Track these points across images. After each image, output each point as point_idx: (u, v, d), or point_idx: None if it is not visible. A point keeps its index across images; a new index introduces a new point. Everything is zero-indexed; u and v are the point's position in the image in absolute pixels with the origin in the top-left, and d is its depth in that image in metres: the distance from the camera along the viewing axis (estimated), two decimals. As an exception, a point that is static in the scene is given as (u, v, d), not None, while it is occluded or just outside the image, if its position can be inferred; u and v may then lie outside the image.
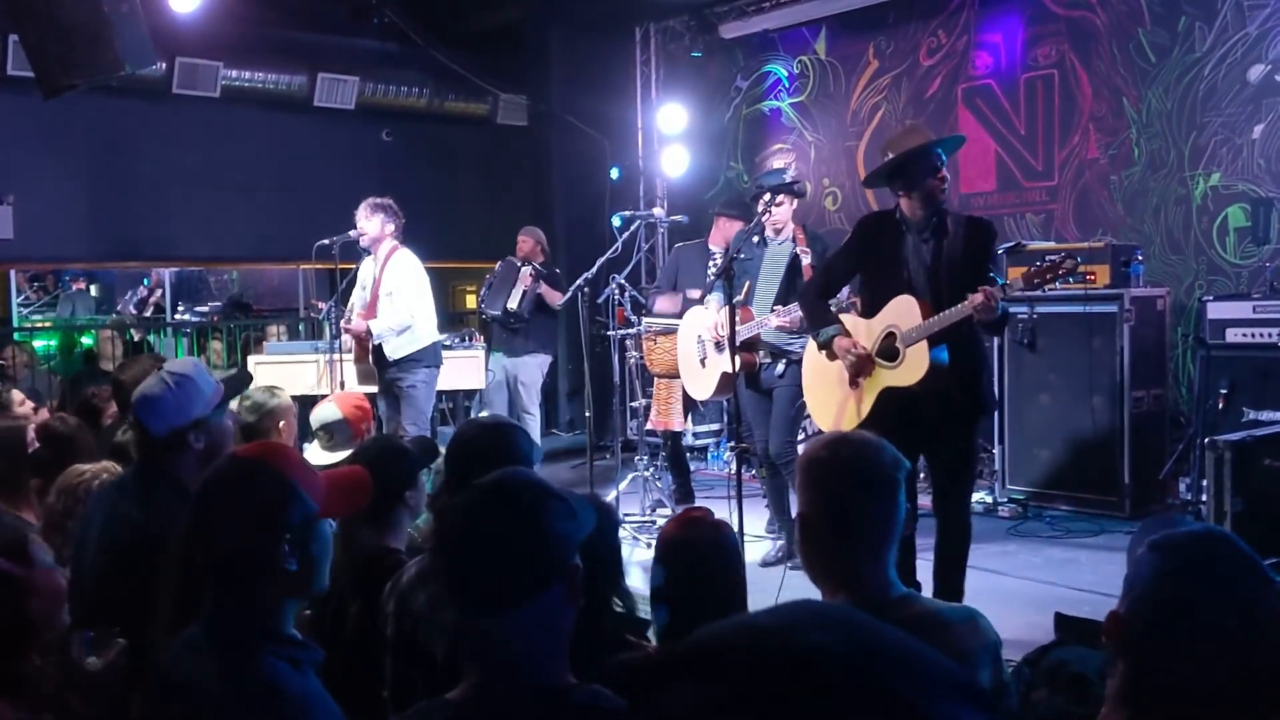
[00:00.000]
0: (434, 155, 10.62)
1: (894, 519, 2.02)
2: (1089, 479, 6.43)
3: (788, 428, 5.52)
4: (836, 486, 2.02)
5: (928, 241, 4.20)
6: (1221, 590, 1.51)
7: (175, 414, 2.75)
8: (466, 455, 2.47)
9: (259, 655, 1.76)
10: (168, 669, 1.85)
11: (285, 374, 6.76)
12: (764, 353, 5.49)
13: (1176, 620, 1.50)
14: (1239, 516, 4.54)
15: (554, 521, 1.54)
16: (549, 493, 1.59)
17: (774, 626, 0.67)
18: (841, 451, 2.05)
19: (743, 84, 9.86)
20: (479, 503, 1.57)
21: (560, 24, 10.30)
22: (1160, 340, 6.58)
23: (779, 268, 5.48)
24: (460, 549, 1.53)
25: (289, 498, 1.82)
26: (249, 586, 1.81)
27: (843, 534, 2.01)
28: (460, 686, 1.54)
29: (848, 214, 9.06)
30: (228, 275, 13.60)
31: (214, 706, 1.75)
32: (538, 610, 1.50)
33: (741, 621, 0.69)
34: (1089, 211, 7.60)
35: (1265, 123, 6.78)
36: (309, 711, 1.77)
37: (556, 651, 1.54)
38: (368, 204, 6.38)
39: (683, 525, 2.44)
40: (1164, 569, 1.54)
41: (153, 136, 9.44)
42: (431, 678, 2.23)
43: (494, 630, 1.51)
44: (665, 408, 6.61)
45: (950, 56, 8.36)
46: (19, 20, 5.23)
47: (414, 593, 2.35)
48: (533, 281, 7.88)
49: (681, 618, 2.26)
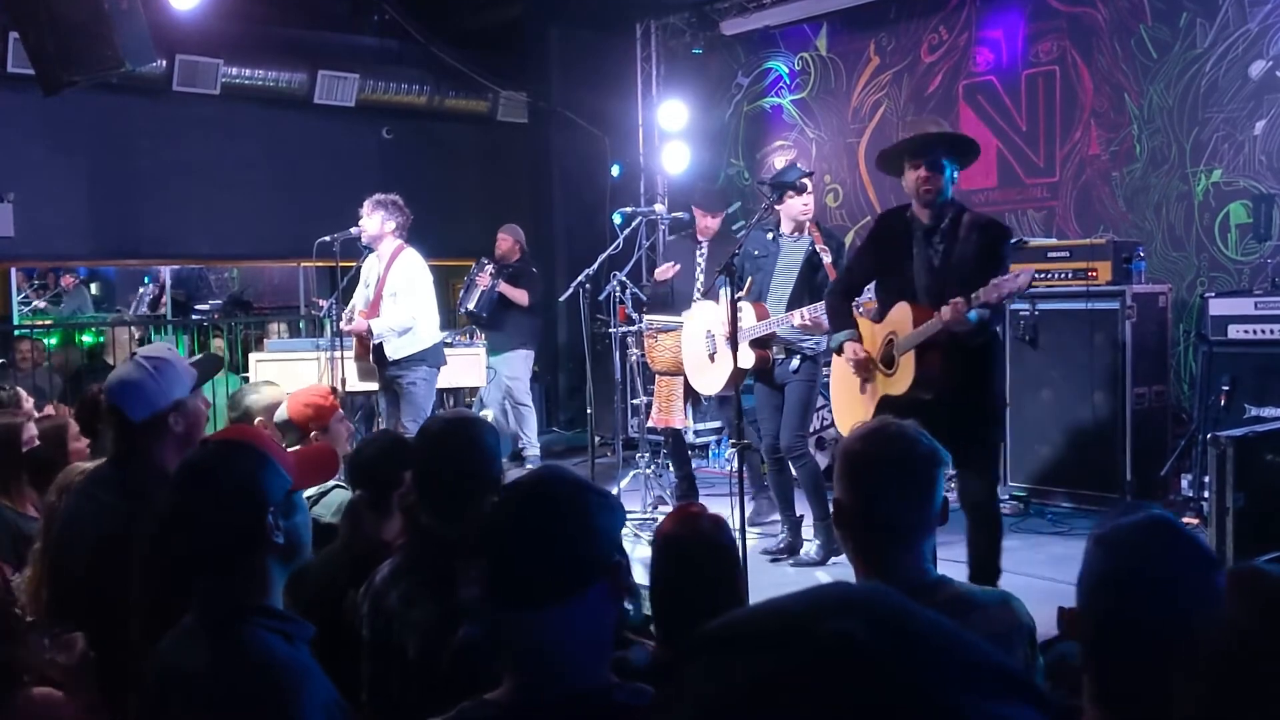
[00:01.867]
0: (434, 152, 10.62)
1: (928, 509, 2.02)
2: (1090, 475, 6.42)
3: (799, 422, 5.52)
4: (870, 476, 2.03)
5: (939, 243, 4.14)
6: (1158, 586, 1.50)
7: (156, 397, 2.74)
8: (432, 451, 2.46)
9: (250, 629, 1.80)
10: (163, 660, 1.86)
11: (286, 371, 6.76)
12: (778, 349, 5.50)
13: (1120, 617, 1.50)
14: (1241, 512, 4.53)
15: (596, 515, 1.52)
16: (588, 486, 1.59)
17: (801, 612, 0.64)
18: (877, 441, 2.07)
19: (744, 80, 9.85)
20: (522, 499, 1.55)
21: (560, 20, 10.29)
22: (1162, 337, 6.58)
23: (795, 265, 5.47)
24: (505, 545, 1.51)
25: (269, 473, 1.89)
26: (237, 565, 1.84)
27: (875, 523, 2.03)
28: (501, 688, 1.51)
29: (849, 211, 9.06)
30: (228, 273, 13.60)
31: (208, 686, 1.77)
32: (582, 607, 1.48)
33: (768, 606, 0.65)
34: (1090, 208, 7.59)
35: (1267, 119, 6.77)
36: (303, 682, 1.78)
37: (600, 650, 1.52)
38: (371, 200, 6.37)
39: (678, 521, 2.44)
40: (1104, 564, 1.54)
41: (153, 134, 9.44)
42: (405, 676, 2.22)
43: (537, 628, 1.47)
44: (667, 405, 6.60)
45: (951, 53, 8.35)
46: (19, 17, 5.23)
47: (387, 591, 2.35)
48: (490, 280, 8.03)
49: (675, 613, 2.26)
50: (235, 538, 1.84)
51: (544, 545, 1.49)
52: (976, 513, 4.25)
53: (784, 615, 0.64)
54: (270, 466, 1.90)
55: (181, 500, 1.89)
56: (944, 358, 4.08)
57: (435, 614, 2.21)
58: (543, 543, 1.49)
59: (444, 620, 2.19)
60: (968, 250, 4.07)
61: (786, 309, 5.39)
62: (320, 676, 1.84)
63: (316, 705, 1.78)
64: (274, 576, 1.89)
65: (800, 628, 0.62)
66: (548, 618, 1.46)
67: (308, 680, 1.79)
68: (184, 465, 1.95)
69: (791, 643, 0.61)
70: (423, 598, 2.25)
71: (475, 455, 2.41)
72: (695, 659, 0.64)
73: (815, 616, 0.62)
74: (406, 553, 2.39)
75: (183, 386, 2.81)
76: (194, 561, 1.86)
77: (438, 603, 2.22)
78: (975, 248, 4.07)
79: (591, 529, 1.51)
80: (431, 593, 2.25)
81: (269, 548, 1.86)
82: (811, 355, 5.49)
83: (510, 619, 1.49)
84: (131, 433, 2.75)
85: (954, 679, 0.59)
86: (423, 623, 2.22)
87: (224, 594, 1.84)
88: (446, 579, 2.25)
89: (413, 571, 2.32)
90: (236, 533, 1.84)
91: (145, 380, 2.76)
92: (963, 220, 4.14)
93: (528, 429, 8.33)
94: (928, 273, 4.15)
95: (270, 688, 1.75)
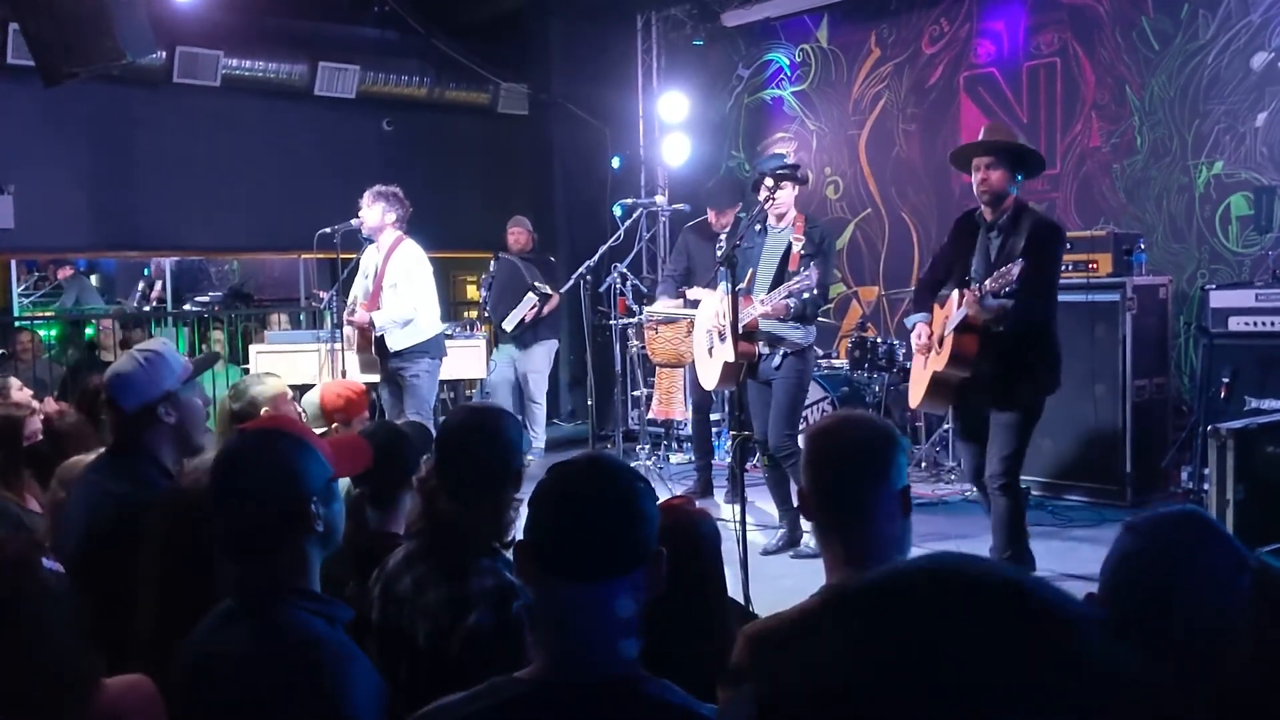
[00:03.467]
0: (435, 144, 10.61)
1: (886, 488, 2.03)
2: (1091, 468, 6.43)
3: (786, 421, 5.50)
4: (828, 464, 2.07)
5: (997, 237, 4.58)
6: (1188, 575, 1.51)
7: (147, 388, 2.83)
8: (456, 440, 2.47)
9: (292, 611, 1.82)
10: (197, 647, 1.87)
11: (287, 363, 6.77)
12: (762, 343, 5.47)
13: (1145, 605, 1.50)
14: (1241, 504, 4.54)
15: (644, 501, 1.57)
16: (638, 474, 1.63)
17: (932, 568, 0.65)
18: (833, 431, 2.11)
19: (744, 72, 9.83)
20: (583, 475, 1.57)
21: (561, 12, 10.27)
22: (1162, 329, 6.58)
23: (776, 255, 5.48)
24: (567, 515, 1.52)
25: (313, 460, 1.93)
26: (281, 548, 1.87)
27: (836, 510, 2.05)
28: (531, 666, 1.53)
29: (849, 203, 9.06)
30: (228, 265, 13.59)
31: (251, 669, 1.78)
32: (624, 589, 1.50)
33: (888, 569, 0.66)
34: (1091, 200, 7.59)
35: (1268, 111, 6.76)
36: (349, 663, 1.81)
37: (630, 637, 1.53)
38: (371, 192, 6.36)
39: (661, 513, 2.43)
40: (1133, 551, 1.54)
41: (153, 126, 9.43)
42: (414, 661, 2.23)
43: (582, 601, 1.49)
44: (667, 397, 6.62)
45: (952, 45, 8.34)
46: (20, 9, 5.23)
47: (400, 576, 2.36)
48: (534, 313, 7.99)
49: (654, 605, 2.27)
50: (281, 521, 1.87)
51: (607, 519, 1.52)
52: (991, 488, 4.67)
53: (922, 571, 0.64)
54: (313, 454, 1.94)
55: (227, 484, 1.90)
56: (978, 341, 4.57)
57: (446, 601, 2.22)
58: (606, 517, 1.52)
59: (455, 607, 2.20)
60: (1018, 244, 4.48)
61: None
62: (363, 658, 1.87)
63: (362, 686, 1.80)
64: (313, 562, 1.92)
65: (953, 572, 0.63)
66: (594, 593, 1.49)
67: (353, 661, 1.82)
68: (228, 451, 1.97)
69: (950, 583, 0.62)
70: (435, 584, 2.26)
71: (497, 445, 2.42)
72: (831, 619, 0.64)
73: (958, 567, 0.63)
74: (422, 539, 2.39)
75: (175, 378, 2.89)
76: (239, 543, 1.88)
77: (449, 590, 2.23)
78: (1025, 242, 4.47)
79: (643, 514, 1.55)
80: (444, 580, 2.26)
81: (311, 533, 1.89)
82: (798, 350, 5.49)
83: (558, 590, 1.50)
84: (124, 422, 2.85)
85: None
86: (433, 609, 2.23)
87: (265, 577, 1.86)
88: (459, 567, 2.26)
89: (427, 558, 2.33)
90: (282, 516, 1.87)
91: (136, 372, 2.85)
92: (1021, 218, 4.58)
93: (536, 426, 8.32)
94: (984, 263, 4.62)
95: (316, 667, 1.77)
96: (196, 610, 1.95)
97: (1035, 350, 4.60)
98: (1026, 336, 4.55)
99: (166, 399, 2.85)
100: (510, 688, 1.50)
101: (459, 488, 2.36)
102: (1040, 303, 4.55)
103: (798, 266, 5.31)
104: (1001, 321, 4.51)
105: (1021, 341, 4.55)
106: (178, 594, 2.17)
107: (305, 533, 1.89)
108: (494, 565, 2.29)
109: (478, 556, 2.30)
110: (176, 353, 3.02)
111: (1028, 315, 4.52)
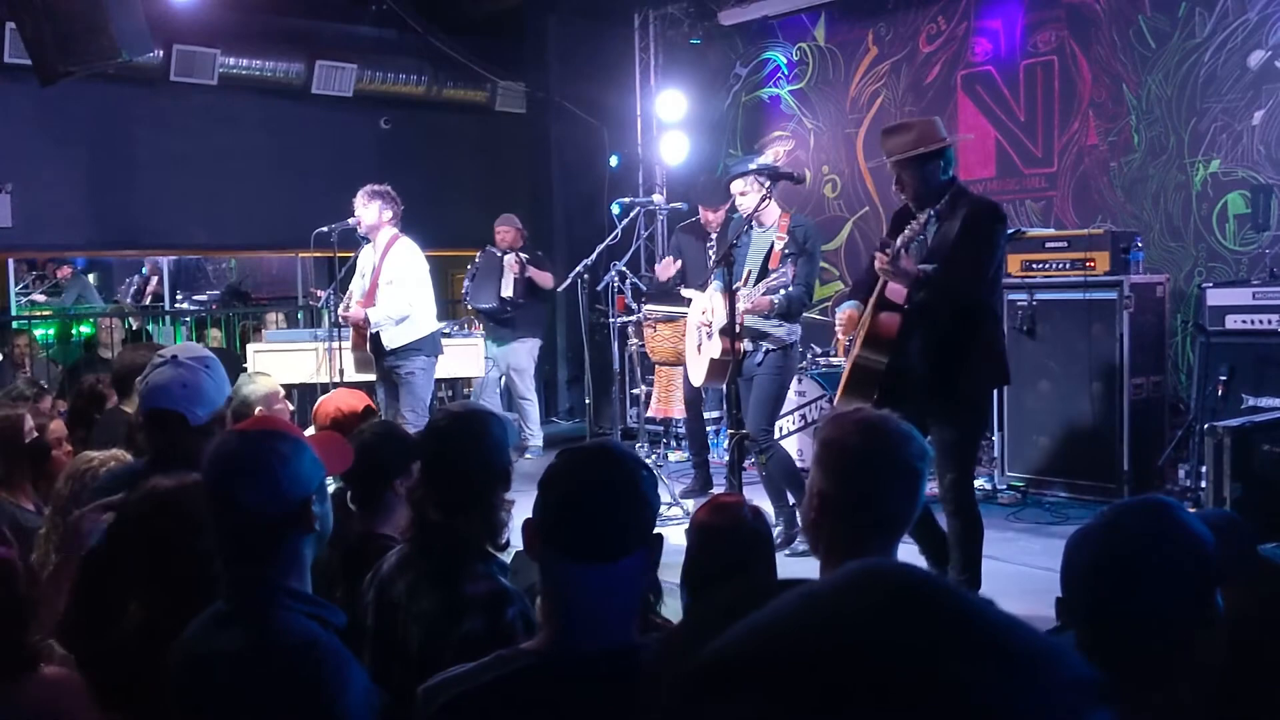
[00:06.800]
0: (432, 143, 10.61)
1: (913, 508, 2.04)
2: (1088, 465, 6.43)
3: (764, 414, 5.53)
4: (866, 472, 2.03)
5: (934, 225, 4.29)
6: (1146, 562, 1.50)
7: (216, 396, 2.75)
8: (440, 447, 2.45)
9: (287, 613, 1.83)
10: (189, 649, 1.87)
11: (284, 362, 6.77)
12: (747, 340, 5.50)
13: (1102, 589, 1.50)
14: (1238, 502, 4.55)
15: (648, 488, 1.66)
16: (642, 462, 1.71)
17: (845, 615, 0.55)
18: (870, 435, 2.06)
19: (742, 71, 9.83)
20: (592, 460, 1.67)
21: (559, 10, 10.26)
22: (1160, 327, 6.58)
23: (761, 253, 5.54)
24: (579, 497, 1.61)
25: (309, 459, 1.94)
26: (280, 550, 1.87)
27: (863, 519, 2.03)
28: (537, 637, 1.63)
29: (847, 201, 9.05)
30: (226, 263, 13.59)
31: (246, 669, 1.79)
32: (628, 569, 1.59)
33: (802, 610, 0.57)
34: (1088, 198, 7.59)
35: (1265, 109, 6.76)
36: (344, 665, 1.82)
37: (631, 613, 1.63)
38: (365, 191, 6.37)
39: (712, 510, 2.45)
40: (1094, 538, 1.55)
41: (150, 124, 9.42)
42: (407, 667, 2.22)
43: (589, 580, 1.58)
44: (666, 395, 6.62)
45: (950, 43, 8.33)
46: (16, 7, 5.22)
47: (393, 582, 2.35)
48: (520, 268, 7.99)
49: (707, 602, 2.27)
50: (283, 522, 1.87)
51: (617, 502, 1.60)
52: (945, 510, 4.26)
53: (834, 625, 0.55)
54: (308, 453, 1.95)
55: (225, 486, 1.89)
56: (900, 323, 4.21)
57: (439, 607, 2.22)
58: (616, 500, 1.60)
59: (448, 614, 2.20)
60: (952, 229, 4.22)
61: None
62: (356, 662, 1.88)
63: (357, 688, 1.81)
64: (306, 562, 1.93)
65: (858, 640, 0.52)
66: (599, 573, 1.58)
67: (347, 664, 1.84)
68: (224, 452, 1.92)
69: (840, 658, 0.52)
70: (428, 590, 2.26)
71: (483, 448, 2.40)
72: (733, 679, 0.55)
73: (873, 625, 0.53)
74: (414, 544, 2.38)
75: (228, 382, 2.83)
76: (239, 545, 1.88)
77: (442, 596, 2.23)
78: (959, 226, 4.22)
79: (647, 499, 1.64)
80: (437, 585, 2.25)
81: (310, 533, 1.91)
82: (781, 346, 5.51)
83: (564, 567, 1.59)
84: (188, 435, 2.63)
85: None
86: (427, 615, 2.22)
87: (261, 579, 1.86)
88: (452, 572, 2.25)
89: (419, 563, 2.32)
90: (284, 517, 1.87)
91: (205, 382, 2.72)
92: (959, 202, 4.29)
93: (530, 423, 8.32)
94: (920, 250, 4.31)
95: (313, 667, 1.78)
96: (184, 611, 1.94)
97: (974, 340, 4.27)
98: (962, 327, 4.22)
99: (228, 402, 2.79)
100: (518, 659, 1.59)
101: (448, 495, 2.34)
102: (968, 279, 4.19)
103: (779, 264, 5.35)
104: (922, 288, 4.16)
105: (957, 332, 4.22)
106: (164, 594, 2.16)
107: (305, 533, 1.90)
108: (488, 570, 2.28)
109: (471, 561, 2.29)
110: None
111: (952, 288, 4.17)
